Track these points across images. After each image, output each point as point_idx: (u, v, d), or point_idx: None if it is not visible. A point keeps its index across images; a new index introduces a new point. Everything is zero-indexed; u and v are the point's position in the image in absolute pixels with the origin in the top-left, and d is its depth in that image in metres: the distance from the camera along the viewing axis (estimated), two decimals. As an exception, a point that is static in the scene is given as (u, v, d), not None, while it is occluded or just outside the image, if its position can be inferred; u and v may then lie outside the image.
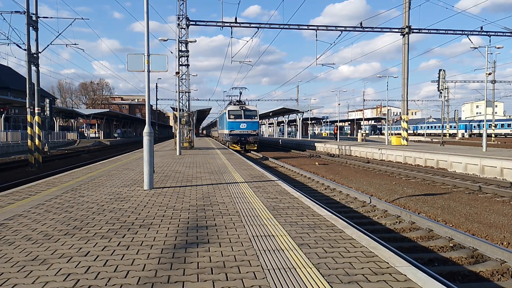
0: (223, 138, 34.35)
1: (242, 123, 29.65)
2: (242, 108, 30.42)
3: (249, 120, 30.03)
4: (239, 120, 29.76)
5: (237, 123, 29.74)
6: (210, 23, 26.73)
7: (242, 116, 29.96)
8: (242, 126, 29.64)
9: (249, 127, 29.92)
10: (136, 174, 10.44)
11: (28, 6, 17.50)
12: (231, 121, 29.87)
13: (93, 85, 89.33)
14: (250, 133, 29.89)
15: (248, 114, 30.24)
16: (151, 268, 3.41)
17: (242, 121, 29.71)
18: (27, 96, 17.92)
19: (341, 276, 3.23)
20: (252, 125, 30.08)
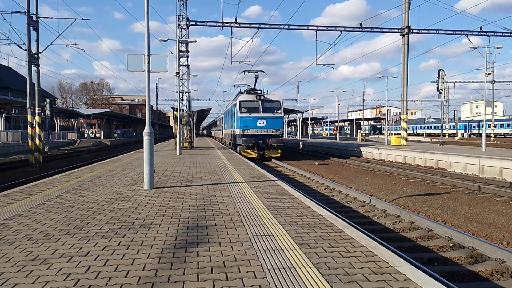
0: (230, 140, 25.43)
1: (260, 119, 21.28)
2: (259, 97, 21.67)
3: (270, 114, 21.57)
4: (255, 114, 21.37)
5: (252, 119, 21.32)
6: (210, 24, 26.74)
7: (259, 109, 21.48)
8: (260, 124, 21.27)
9: (270, 125, 21.43)
10: (136, 174, 10.45)
11: (29, 6, 17.52)
12: (244, 117, 21.40)
13: (93, 85, 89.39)
14: (272, 134, 21.32)
15: (268, 107, 21.73)
16: (151, 267, 3.42)
17: (259, 116, 21.31)
18: (28, 96, 17.93)
19: (341, 275, 3.23)
20: (274, 122, 21.59)
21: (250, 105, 21.74)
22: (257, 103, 21.68)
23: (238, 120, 21.76)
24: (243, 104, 21.84)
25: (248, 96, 22.38)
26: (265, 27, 27.03)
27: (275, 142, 21.11)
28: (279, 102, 22.32)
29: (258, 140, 21.14)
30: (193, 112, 28.86)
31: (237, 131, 21.95)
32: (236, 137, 22.25)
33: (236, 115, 22.11)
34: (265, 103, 21.80)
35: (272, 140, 21.10)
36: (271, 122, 21.59)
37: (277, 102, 22.23)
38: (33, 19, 17.91)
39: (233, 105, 23.70)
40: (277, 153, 21.57)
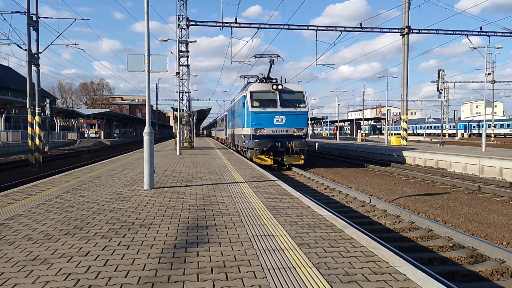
0: (237, 142, 21.00)
1: (277, 115, 16.67)
2: (276, 87, 16.96)
3: (290, 109, 16.85)
4: (271, 109, 16.73)
5: (267, 115, 16.66)
6: (210, 24, 26.74)
7: (277, 101, 16.83)
8: (278, 121, 16.71)
9: (290, 123, 16.77)
10: (136, 174, 10.45)
11: (29, 6, 17.53)
12: (257, 112, 16.67)
13: (93, 85, 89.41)
14: (293, 134, 16.77)
15: (288, 99, 17.06)
16: (151, 267, 3.42)
17: (277, 111, 16.70)
18: (28, 96, 17.94)
19: (340, 275, 3.24)
20: (296, 119, 16.92)
21: (264, 96, 16.92)
22: (273, 95, 16.82)
23: (248, 116, 16.81)
24: (256, 96, 16.88)
25: (261, 85, 17.56)
26: (265, 27, 27.04)
27: (298, 145, 16.34)
28: (302, 93, 17.43)
29: (275, 142, 16.41)
30: (193, 112, 28.81)
31: (247, 130, 17.07)
32: (246, 139, 17.30)
33: (246, 109, 17.03)
34: (284, 94, 16.98)
35: (294, 143, 16.38)
36: (292, 119, 16.71)
37: (299, 93, 17.39)
38: (33, 19, 17.91)
39: (242, 98, 18.52)
40: (299, 159, 16.97)
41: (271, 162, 17.00)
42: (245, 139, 17.77)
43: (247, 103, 17.09)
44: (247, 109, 17.09)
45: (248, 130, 17.14)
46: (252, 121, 16.65)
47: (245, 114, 17.55)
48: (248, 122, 17.05)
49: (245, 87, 20.13)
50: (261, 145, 16.19)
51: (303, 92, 17.66)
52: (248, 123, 16.96)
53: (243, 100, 18.23)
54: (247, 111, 17.04)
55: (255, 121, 16.66)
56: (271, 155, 16.82)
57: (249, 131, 16.94)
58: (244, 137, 18.01)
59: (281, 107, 16.80)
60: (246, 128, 17.49)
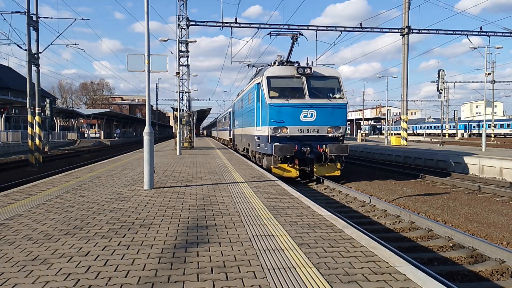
0: (248, 146, 16.56)
1: (305, 108, 12.32)
2: (303, 71, 12.60)
3: (322, 101, 12.55)
4: (296, 100, 12.37)
5: (291, 108, 12.31)
6: (210, 24, 26.72)
7: (303, 90, 12.52)
8: (306, 117, 12.32)
9: (323, 119, 12.46)
10: (136, 174, 10.45)
11: (29, 6, 17.53)
12: (277, 104, 12.31)
13: (93, 85, 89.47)
14: (327, 135, 12.55)
15: (318, 87, 12.82)
16: (151, 267, 3.42)
17: (304, 103, 12.34)
18: (28, 96, 17.94)
19: (341, 275, 3.24)
20: (331, 114, 12.54)
21: (286, 83, 12.66)
22: (298, 81, 12.48)
23: (265, 111, 12.36)
24: (275, 83, 12.53)
25: (282, 68, 13.10)
26: (264, 27, 27.01)
27: (334, 150, 11.98)
28: (338, 79, 12.91)
29: (302, 146, 12.19)
30: (193, 112, 28.80)
31: (263, 130, 12.63)
32: (261, 141, 12.96)
33: (262, 102, 12.64)
34: (314, 81, 12.59)
35: (329, 147, 12.00)
36: (326, 114, 12.28)
37: (333, 79, 12.91)
38: (33, 19, 17.91)
39: (254, 87, 14.07)
40: (334, 169, 12.70)
41: (296, 174, 12.49)
42: (259, 142, 13.18)
43: (262, 93, 12.50)
44: (262, 101, 12.53)
45: (264, 129, 12.51)
46: (271, 117, 12.10)
47: (259, 109, 12.98)
48: (264, 119, 12.45)
49: (257, 74, 15.44)
50: (284, 150, 11.77)
51: (339, 77, 12.93)
52: (265, 120, 12.37)
53: (256, 89, 13.52)
54: (263, 104, 12.46)
55: (274, 117, 12.08)
56: (296, 164, 12.41)
57: (265, 131, 12.36)
58: (258, 139, 13.36)
59: (310, 97, 12.19)
60: (261, 127, 12.88)
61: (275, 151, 11.82)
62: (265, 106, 12.31)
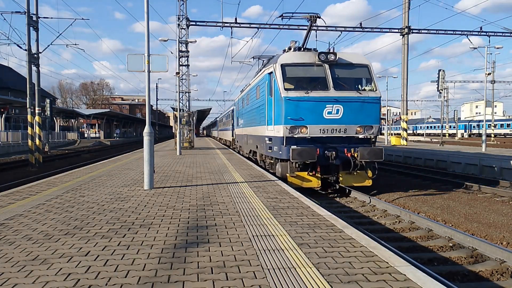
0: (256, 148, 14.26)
1: (330, 103, 9.95)
2: (325, 57, 10.25)
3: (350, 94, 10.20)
4: (319, 93, 9.99)
5: (312, 103, 9.93)
6: (210, 24, 26.73)
7: (327, 81, 10.17)
8: (331, 114, 9.95)
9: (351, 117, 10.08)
10: (136, 174, 10.45)
11: (29, 6, 17.53)
12: (294, 98, 9.91)
13: (93, 85, 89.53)
14: (357, 136, 10.27)
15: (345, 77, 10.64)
16: (151, 267, 3.42)
17: (328, 97, 9.97)
18: (28, 96, 17.94)
19: (341, 275, 3.24)
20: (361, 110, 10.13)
21: (305, 73, 10.52)
22: (320, 70, 10.25)
23: (279, 106, 10.18)
24: (291, 72, 10.38)
25: (299, 55, 10.76)
26: (264, 27, 27.01)
27: (366, 154, 9.69)
28: (368, 67, 10.68)
29: (325, 150, 9.90)
30: (193, 112, 28.80)
31: (276, 130, 10.41)
32: (274, 143, 10.77)
33: (275, 95, 10.48)
34: (339, 70, 10.41)
35: (360, 151, 9.73)
36: (354, 110, 10.02)
37: (363, 68, 10.68)
38: (33, 19, 17.92)
39: (264, 78, 11.81)
40: (365, 178, 10.41)
41: (317, 184, 10.28)
42: (271, 144, 11.04)
43: (275, 85, 10.32)
44: (276, 95, 10.34)
45: (278, 129, 10.23)
46: (287, 114, 9.82)
47: (271, 104, 10.75)
48: (278, 117, 10.21)
49: (267, 64, 12.70)
50: (304, 155, 9.43)
51: (369, 65, 10.68)
52: (279, 118, 10.14)
53: (266, 81, 11.36)
54: (277, 98, 10.26)
55: (291, 113, 9.81)
56: (318, 172, 10.11)
57: (280, 131, 10.08)
58: (269, 141, 11.23)
59: (335, 90, 9.94)
60: (273, 127, 10.61)
61: (293, 156, 9.42)
62: (279, 100, 10.01)
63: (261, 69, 13.55)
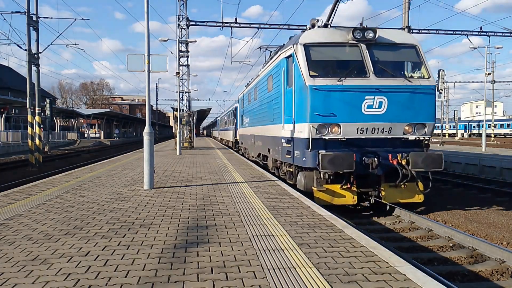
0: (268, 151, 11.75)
1: (369, 93, 7.63)
2: (362, 35, 7.93)
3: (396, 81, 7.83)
4: (354, 82, 7.68)
5: (347, 94, 7.62)
6: (210, 24, 26.69)
7: (365, 65, 7.85)
8: (371, 109, 7.65)
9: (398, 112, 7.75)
10: (136, 174, 10.45)
11: (29, 6, 17.53)
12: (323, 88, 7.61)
13: (93, 85, 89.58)
14: (405, 138, 7.93)
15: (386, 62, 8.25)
16: (151, 267, 3.42)
17: (368, 86, 7.66)
18: (28, 96, 17.94)
19: (341, 275, 3.23)
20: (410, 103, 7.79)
21: (335, 55, 8.43)
22: (354, 51, 8.19)
23: (302, 97, 8.09)
24: (317, 53, 8.27)
25: (327, 32, 8.55)
26: (264, 27, 26.97)
27: (421, 162, 7.66)
28: (415, 48, 8.54)
29: (364, 156, 7.92)
30: (193, 112, 28.80)
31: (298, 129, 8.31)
32: (295, 147, 8.57)
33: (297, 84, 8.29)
34: (379, 51, 8.30)
35: (412, 158, 7.68)
36: (403, 103, 7.91)
37: (409, 48, 8.56)
38: (33, 19, 17.91)
39: (280, 64, 9.59)
40: (415, 193, 8.25)
41: (352, 200, 7.98)
42: (290, 148, 8.79)
43: (297, 71, 8.13)
44: (298, 84, 8.12)
45: (300, 128, 8.08)
46: (314, 109, 7.67)
47: (290, 96, 8.51)
48: (301, 112, 8.04)
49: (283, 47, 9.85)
50: (338, 163, 7.30)
51: (418, 46, 8.46)
52: (302, 114, 7.98)
53: (283, 67, 9.11)
54: (299, 88, 8.07)
55: (319, 107, 7.67)
56: (353, 184, 7.92)
57: (303, 131, 7.92)
58: (287, 144, 9.02)
59: (376, 76, 7.80)
60: (294, 125, 8.35)
61: (323, 165, 7.22)
62: (303, 90, 7.78)
63: (273, 56, 11.15)
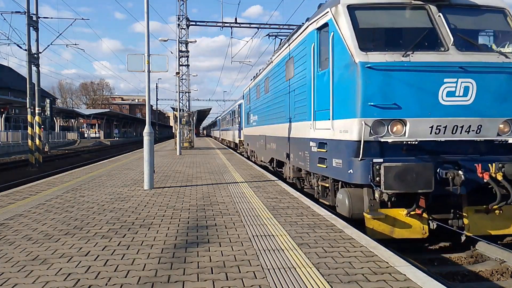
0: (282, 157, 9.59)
1: (449, 74, 5.10)
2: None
3: (490, 59, 5.22)
4: (427, 57, 5.18)
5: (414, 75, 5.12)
6: (210, 24, 26.69)
7: (441, 35, 5.35)
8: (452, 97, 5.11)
9: (489, 102, 5.13)
10: (136, 174, 10.45)
11: (29, 6, 17.53)
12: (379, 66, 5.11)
13: (93, 85, 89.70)
14: (498, 140, 5.32)
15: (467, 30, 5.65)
16: (151, 267, 3.42)
17: (446, 63, 5.14)
18: (28, 96, 17.94)
19: (341, 275, 3.23)
20: (508, 87, 5.18)
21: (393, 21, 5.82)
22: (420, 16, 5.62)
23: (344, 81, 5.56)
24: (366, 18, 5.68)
25: None
26: (264, 27, 26.97)
27: None
28: (503, 13, 5.87)
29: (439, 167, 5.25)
30: (193, 112, 28.81)
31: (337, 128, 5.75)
32: (333, 153, 5.96)
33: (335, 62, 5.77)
34: (455, 16, 5.66)
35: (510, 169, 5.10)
36: (497, 89, 5.24)
37: (496, 13, 5.90)
38: (33, 19, 17.92)
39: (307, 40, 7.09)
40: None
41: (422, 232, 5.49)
42: (325, 154, 6.35)
43: (338, 44, 5.75)
44: (338, 62, 5.77)
45: (344, 126, 5.63)
46: (366, 97, 5.23)
47: (327, 80, 6.07)
48: (344, 102, 5.65)
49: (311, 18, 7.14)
50: (411, 179, 4.96)
51: (507, 10, 6.00)
52: (346, 105, 5.58)
53: (311, 42, 6.83)
54: (340, 66, 5.73)
55: (375, 96, 5.24)
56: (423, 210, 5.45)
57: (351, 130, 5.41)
58: (319, 148, 6.61)
59: (457, 50, 5.38)
60: (333, 122, 5.94)
61: (388, 182, 4.99)
62: (349, 70, 5.47)
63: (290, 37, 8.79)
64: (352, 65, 5.33)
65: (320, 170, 6.64)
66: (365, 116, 5.19)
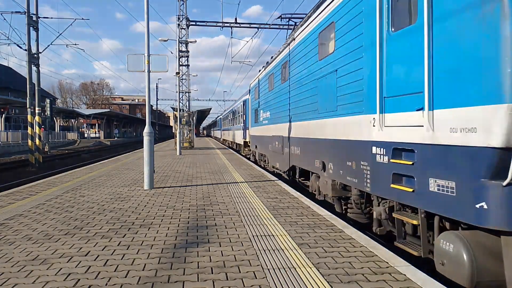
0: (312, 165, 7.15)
1: None
2: None
3: None
4: None
5: None
6: (210, 24, 26.70)
7: None
8: None
9: None
10: (136, 174, 10.45)
11: (29, 6, 17.54)
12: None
13: (93, 85, 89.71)
14: None
15: None
16: (151, 267, 3.42)
17: None
18: (28, 96, 17.94)
19: (341, 275, 3.23)
20: None
21: None
22: None
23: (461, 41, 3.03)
24: None
25: None
26: (264, 27, 26.99)
27: None
28: None
29: None
30: (193, 112, 28.81)
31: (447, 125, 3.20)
32: (435, 169, 3.42)
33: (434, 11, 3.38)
34: None
35: None
36: None
37: None
38: (33, 19, 17.92)
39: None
40: None
41: None
42: (416, 170, 3.73)
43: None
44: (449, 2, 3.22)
45: (463, 120, 3.05)
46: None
47: (407, 42, 3.84)
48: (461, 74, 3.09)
49: None
50: None
51: None
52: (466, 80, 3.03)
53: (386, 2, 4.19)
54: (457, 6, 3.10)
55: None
56: None
57: (490, 130, 2.83)
58: (399, 159, 4.01)
59: None
60: (433, 115, 3.43)
61: None
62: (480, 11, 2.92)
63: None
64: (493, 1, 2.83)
65: (397, 195, 4.11)
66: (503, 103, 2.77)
